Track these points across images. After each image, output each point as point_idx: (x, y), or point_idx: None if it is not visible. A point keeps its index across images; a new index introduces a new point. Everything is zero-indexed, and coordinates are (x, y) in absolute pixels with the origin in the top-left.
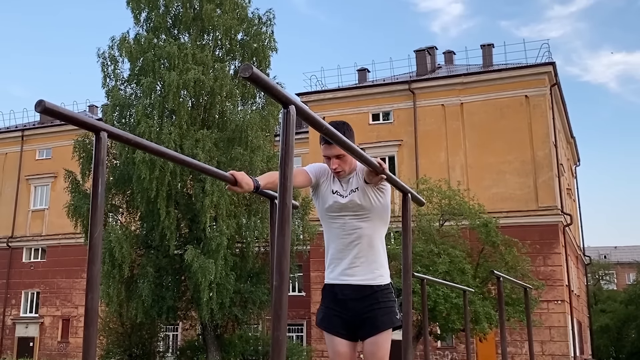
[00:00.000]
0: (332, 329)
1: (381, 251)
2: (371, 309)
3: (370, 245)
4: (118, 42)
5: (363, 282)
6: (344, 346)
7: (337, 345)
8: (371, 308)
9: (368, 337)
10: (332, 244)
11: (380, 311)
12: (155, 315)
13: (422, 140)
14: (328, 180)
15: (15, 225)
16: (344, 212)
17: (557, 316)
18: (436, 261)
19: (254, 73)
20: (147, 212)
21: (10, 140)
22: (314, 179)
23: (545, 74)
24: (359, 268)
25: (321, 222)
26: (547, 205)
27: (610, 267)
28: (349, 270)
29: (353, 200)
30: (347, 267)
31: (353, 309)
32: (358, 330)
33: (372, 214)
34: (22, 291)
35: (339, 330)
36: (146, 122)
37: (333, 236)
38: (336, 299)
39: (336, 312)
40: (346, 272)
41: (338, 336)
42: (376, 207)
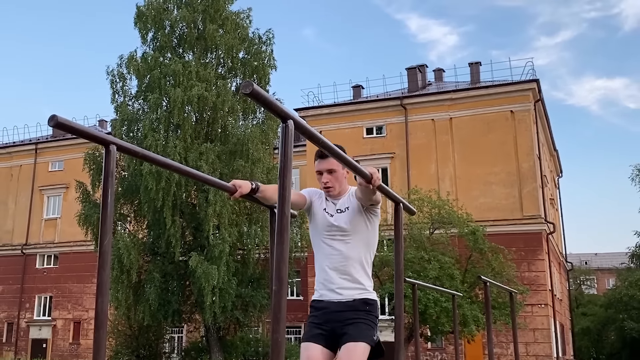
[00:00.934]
0: (309, 338)
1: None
2: (352, 322)
3: (355, 267)
4: (126, 61)
5: (345, 299)
6: (317, 352)
7: (311, 349)
8: (352, 321)
9: (344, 343)
10: (319, 263)
11: (361, 325)
12: (161, 318)
13: (413, 153)
14: (320, 200)
15: (30, 233)
16: (332, 231)
17: (540, 319)
18: (427, 267)
19: (254, 89)
20: (154, 220)
21: (25, 153)
22: (308, 199)
23: (529, 91)
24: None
25: (312, 243)
26: (531, 215)
27: (591, 272)
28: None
29: (340, 219)
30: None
31: (334, 321)
32: (336, 342)
33: (357, 237)
34: (35, 295)
35: (316, 339)
36: (153, 136)
37: (320, 255)
38: (319, 314)
39: (317, 326)
40: (331, 290)
41: (313, 342)
42: (362, 231)
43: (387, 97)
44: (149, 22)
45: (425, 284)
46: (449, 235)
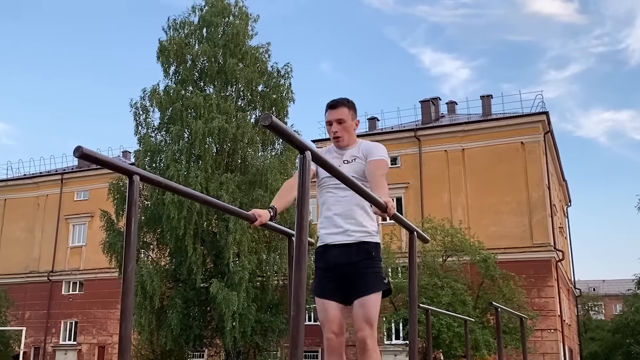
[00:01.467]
0: (323, 294)
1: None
2: (361, 271)
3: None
4: (149, 94)
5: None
6: (335, 309)
7: (329, 309)
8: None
9: (357, 298)
10: (324, 213)
11: (369, 275)
12: (183, 342)
13: (427, 183)
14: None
15: (56, 260)
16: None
17: (550, 344)
18: (440, 293)
19: (273, 122)
20: (176, 248)
21: (51, 183)
22: (314, 168)
23: (539, 123)
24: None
25: (318, 200)
26: (541, 243)
27: (598, 298)
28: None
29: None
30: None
31: (344, 270)
32: (348, 292)
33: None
34: (61, 321)
35: (330, 295)
36: (175, 167)
37: (326, 206)
38: (328, 263)
39: (328, 277)
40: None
41: (329, 299)
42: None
43: (401, 129)
44: (171, 56)
45: (438, 310)
46: (461, 262)
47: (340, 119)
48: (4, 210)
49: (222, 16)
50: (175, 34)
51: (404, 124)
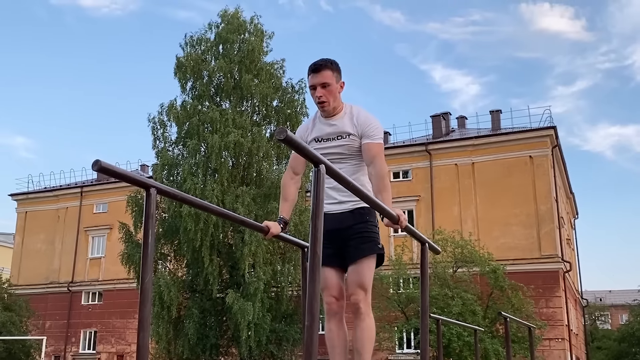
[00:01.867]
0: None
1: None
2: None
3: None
4: (166, 109)
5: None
6: (334, 275)
7: (328, 275)
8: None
9: (351, 264)
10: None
11: (364, 239)
12: (199, 352)
13: (438, 195)
14: (308, 132)
15: (75, 271)
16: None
17: (557, 353)
18: (450, 303)
19: (287, 136)
20: (193, 260)
21: (71, 196)
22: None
23: (547, 137)
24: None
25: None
26: (549, 254)
27: (605, 309)
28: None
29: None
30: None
31: (341, 235)
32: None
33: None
34: (81, 330)
35: (329, 261)
36: (192, 180)
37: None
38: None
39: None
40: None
41: (328, 266)
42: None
43: (412, 143)
44: (188, 72)
45: (449, 320)
46: (471, 273)
47: (324, 83)
48: (25, 222)
49: (237, 33)
50: (192, 50)
51: (415, 138)
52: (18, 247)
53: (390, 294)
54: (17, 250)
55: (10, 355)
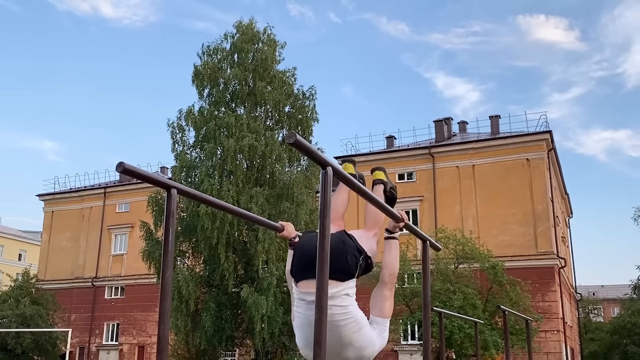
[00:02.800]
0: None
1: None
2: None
3: None
4: (185, 114)
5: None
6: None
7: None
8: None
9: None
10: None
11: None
12: (216, 343)
13: (440, 196)
14: None
15: (99, 267)
16: None
17: (553, 344)
18: (452, 297)
19: (297, 140)
20: (210, 256)
21: (95, 196)
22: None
23: (543, 141)
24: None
25: None
26: (545, 251)
27: (598, 302)
28: None
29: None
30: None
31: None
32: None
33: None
34: (104, 323)
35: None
36: (209, 181)
37: None
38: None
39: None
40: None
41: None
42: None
43: (416, 147)
44: (205, 79)
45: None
46: (471, 269)
47: None
48: (52, 221)
49: (252, 43)
50: (208, 59)
51: (419, 142)
52: (45, 245)
53: (395, 288)
54: (44, 248)
55: (38, 347)
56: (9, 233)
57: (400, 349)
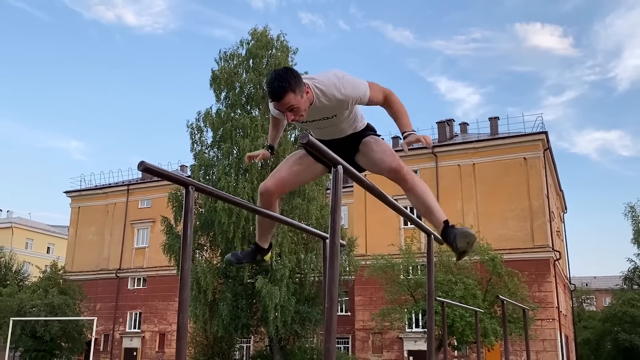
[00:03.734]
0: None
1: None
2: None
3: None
4: (203, 116)
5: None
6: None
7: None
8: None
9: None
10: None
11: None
12: (232, 330)
13: (443, 193)
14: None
15: (122, 259)
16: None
17: (548, 331)
18: (454, 288)
19: (310, 140)
20: (226, 249)
21: (118, 193)
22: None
23: (539, 141)
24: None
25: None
26: (541, 244)
27: (590, 292)
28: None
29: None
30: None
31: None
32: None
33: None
34: (127, 312)
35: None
36: (225, 179)
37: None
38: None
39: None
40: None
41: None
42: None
43: (420, 147)
44: (222, 83)
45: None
46: (472, 261)
47: (290, 107)
48: (78, 216)
49: (266, 49)
50: (225, 64)
51: None
52: (72, 238)
53: (400, 279)
54: (71, 241)
55: (65, 334)
56: (38, 227)
57: (405, 336)
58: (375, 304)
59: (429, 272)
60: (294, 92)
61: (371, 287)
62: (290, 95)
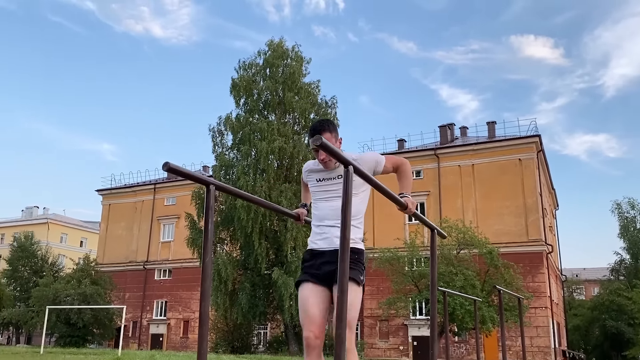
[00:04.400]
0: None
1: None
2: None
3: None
4: (223, 120)
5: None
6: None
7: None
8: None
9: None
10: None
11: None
12: (250, 318)
13: (444, 191)
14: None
15: (149, 252)
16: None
17: (542, 318)
18: (454, 279)
19: (323, 142)
20: (245, 243)
21: (146, 191)
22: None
23: (533, 143)
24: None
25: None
26: (534, 239)
27: (580, 283)
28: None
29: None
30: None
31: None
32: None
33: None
34: (154, 300)
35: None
36: (244, 178)
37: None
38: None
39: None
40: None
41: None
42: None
43: (423, 148)
44: (241, 90)
45: (453, 292)
46: (471, 254)
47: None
48: (109, 213)
49: (281, 59)
50: (244, 73)
51: (425, 144)
52: (103, 233)
53: (405, 271)
54: (102, 236)
55: (97, 321)
56: (72, 223)
57: (409, 323)
58: (382, 293)
59: (432, 264)
60: (330, 132)
61: (378, 277)
62: (327, 133)
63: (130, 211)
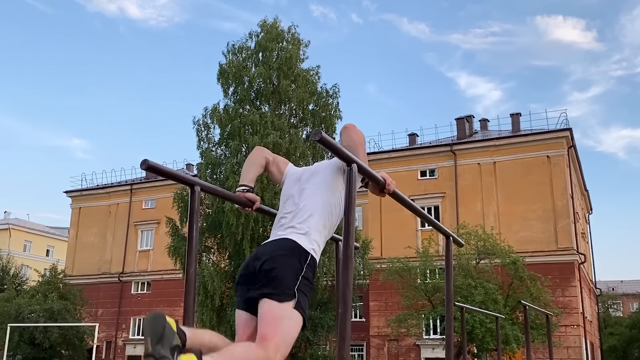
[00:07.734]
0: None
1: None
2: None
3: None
4: (210, 112)
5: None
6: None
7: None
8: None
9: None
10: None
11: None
12: None
13: (462, 193)
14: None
15: (125, 262)
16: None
17: (573, 338)
18: (473, 292)
19: (323, 137)
20: (235, 252)
21: (121, 192)
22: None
23: (563, 138)
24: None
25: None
26: (565, 247)
27: (617, 297)
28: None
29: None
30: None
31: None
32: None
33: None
34: (131, 317)
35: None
36: (234, 178)
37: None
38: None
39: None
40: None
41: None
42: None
43: (438, 144)
44: (230, 78)
45: (472, 308)
46: (492, 264)
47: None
48: (79, 217)
49: (276, 42)
50: (234, 57)
51: (441, 139)
52: (72, 240)
53: (417, 283)
54: (72, 243)
55: (65, 341)
56: (36, 229)
57: (422, 343)
58: (391, 309)
59: (447, 276)
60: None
61: (387, 291)
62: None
63: (104, 215)
